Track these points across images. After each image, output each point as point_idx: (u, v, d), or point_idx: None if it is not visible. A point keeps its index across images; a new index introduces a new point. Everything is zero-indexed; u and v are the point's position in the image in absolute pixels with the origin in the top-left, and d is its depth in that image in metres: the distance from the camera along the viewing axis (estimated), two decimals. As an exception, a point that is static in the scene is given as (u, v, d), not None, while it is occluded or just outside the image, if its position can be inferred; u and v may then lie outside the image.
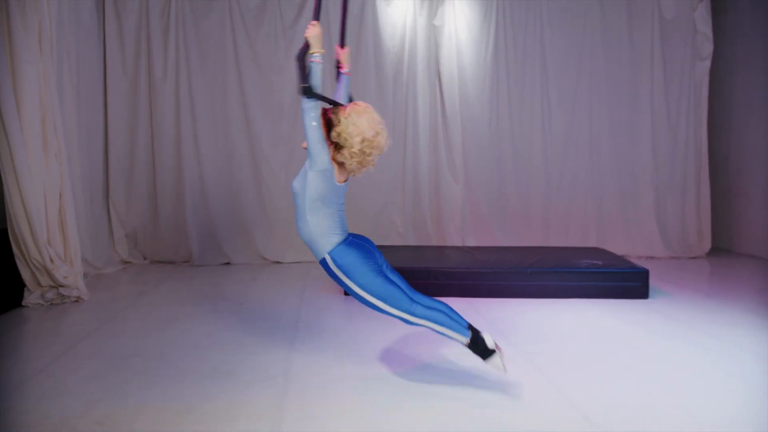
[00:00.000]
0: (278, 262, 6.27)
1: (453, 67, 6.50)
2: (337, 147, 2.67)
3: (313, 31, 2.66)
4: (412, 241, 6.58)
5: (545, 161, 6.70)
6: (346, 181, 2.80)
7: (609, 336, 3.82)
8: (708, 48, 6.59)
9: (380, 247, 5.42)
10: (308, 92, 2.55)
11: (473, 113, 6.59)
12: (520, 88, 6.64)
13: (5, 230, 4.44)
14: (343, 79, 3.03)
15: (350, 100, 2.92)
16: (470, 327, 2.81)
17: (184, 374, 3.10)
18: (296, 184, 2.70)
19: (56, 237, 4.58)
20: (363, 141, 2.61)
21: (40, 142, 4.45)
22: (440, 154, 6.58)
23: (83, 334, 3.77)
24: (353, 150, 2.61)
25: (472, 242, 6.59)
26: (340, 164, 2.73)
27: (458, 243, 6.57)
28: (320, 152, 2.58)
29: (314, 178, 2.61)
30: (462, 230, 6.64)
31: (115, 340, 3.68)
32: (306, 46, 2.64)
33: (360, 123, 2.61)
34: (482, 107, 6.58)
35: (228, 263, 6.23)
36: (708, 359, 3.38)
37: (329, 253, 2.70)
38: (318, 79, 2.62)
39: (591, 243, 6.58)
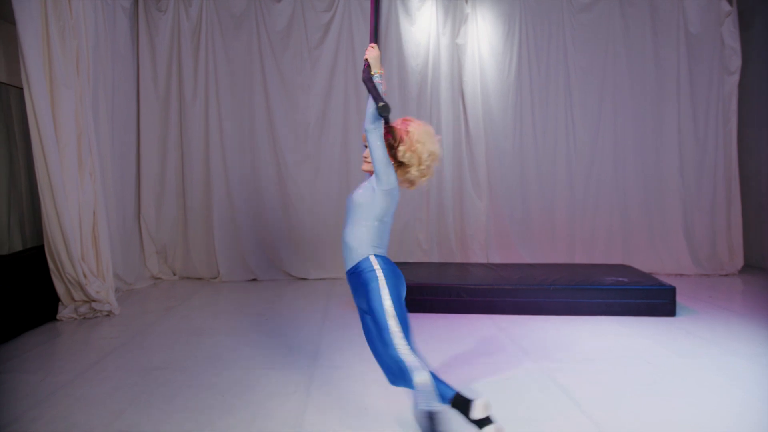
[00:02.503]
0: (303, 279, 6.35)
1: (476, 85, 6.55)
2: (400, 165, 2.64)
3: (372, 53, 2.65)
4: (436, 258, 6.59)
5: (570, 178, 6.66)
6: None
7: (633, 354, 3.76)
8: (736, 62, 6.51)
9: (404, 263, 5.51)
10: (386, 110, 2.47)
11: (497, 131, 6.60)
12: (544, 104, 6.64)
13: (42, 247, 4.61)
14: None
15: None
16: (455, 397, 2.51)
17: (208, 387, 3.17)
18: (359, 198, 2.62)
19: (89, 253, 4.74)
20: (430, 155, 2.61)
21: (76, 162, 4.64)
22: (464, 171, 6.60)
23: (112, 347, 3.89)
24: (422, 167, 2.61)
25: (496, 259, 6.56)
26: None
27: (482, 260, 6.55)
28: (389, 171, 2.55)
29: (382, 196, 2.57)
30: (486, 247, 6.63)
31: (142, 353, 3.78)
32: (368, 67, 2.64)
33: (422, 139, 2.60)
34: (506, 125, 6.60)
35: (254, 279, 6.33)
36: (732, 379, 3.30)
37: (374, 254, 2.59)
38: (384, 100, 2.57)
39: (617, 260, 6.49)
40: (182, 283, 6.21)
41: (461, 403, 2.45)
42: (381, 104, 2.46)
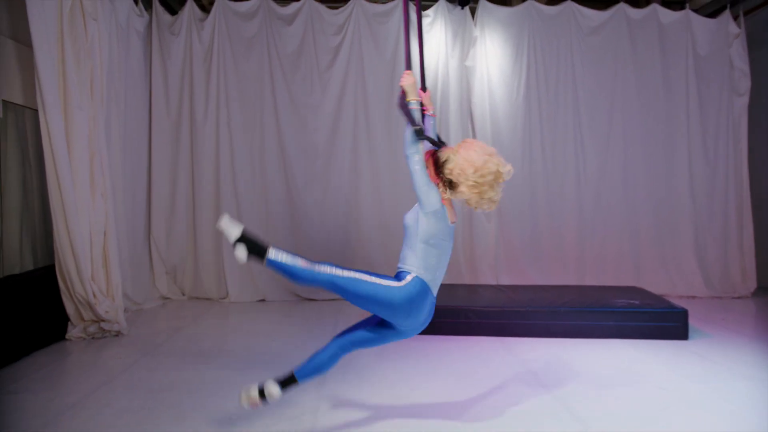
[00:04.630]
0: (312, 299, 6.34)
1: (485, 106, 6.58)
2: (451, 185, 2.64)
3: (407, 80, 2.68)
4: (445, 280, 6.51)
5: (579, 199, 6.65)
6: (454, 222, 2.75)
7: (645, 379, 3.70)
8: (745, 84, 6.51)
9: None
10: (420, 134, 2.54)
11: (505, 152, 6.57)
12: (553, 126, 6.65)
13: (52, 266, 4.64)
14: (429, 121, 2.93)
15: (439, 141, 2.87)
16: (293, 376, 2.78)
17: (216, 410, 3.16)
18: (407, 220, 2.67)
19: (100, 273, 4.76)
20: (476, 171, 2.55)
21: (88, 183, 4.68)
22: (473, 192, 6.58)
23: (121, 368, 3.88)
24: (469, 183, 2.57)
25: (505, 281, 6.52)
26: (450, 203, 2.73)
27: (492, 281, 6.52)
28: (429, 193, 2.55)
29: (426, 219, 2.58)
30: (495, 269, 6.60)
31: (151, 374, 3.78)
32: (403, 95, 2.68)
33: (469, 155, 2.57)
34: (514, 146, 6.61)
35: (263, 300, 6.32)
36: (745, 405, 3.24)
37: (418, 276, 2.59)
38: (419, 123, 2.63)
39: (628, 282, 6.43)
40: (191, 303, 6.21)
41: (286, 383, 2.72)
42: (417, 127, 2.53)
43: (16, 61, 4.60)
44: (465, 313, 4.78)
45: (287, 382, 2.73)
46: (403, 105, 2.64)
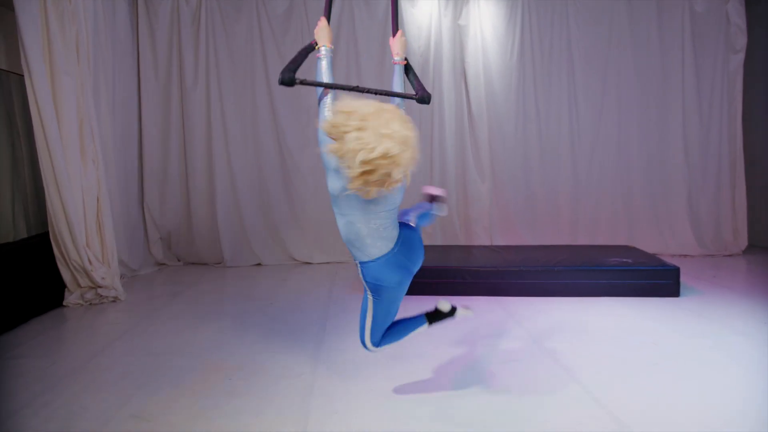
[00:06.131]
0: (307, 263, 6.37)
1: (479, 66, 6.50)
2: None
3: (319, 26, 2.60)
4: (439, 241, 6.59)
5: (573, 159, 6.64)
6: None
7: (636, 334, 3.77)
8: (742, 40, 6.44)
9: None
10: (285, 80, 2.40)
11: (499, 113, 6.57)
12: (547, 86, 6.59)
13: (47, 233, 4.63)
14: (395, 69, 2.70)
15: (418, 91, 2.60)
16: (426, 315, 2.86)
17: (214, 371, 3.20)
18: None
19: (94, 239, 4.76)
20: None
21: (78, 149, 4.63)
22: (467, 154, 6.58)
23: (119, 333, 3.92)
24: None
25: (499, 242, 6.57)
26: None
27: (486, 242, 6.56)
28: (323, 146, 2.23)
29: (329, 176, 2.34)
30: (490, 230, 6.63)
31: (149, 339, 3.81)
32: (314, 43, 2.58)
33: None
34: (508, 107, 6.56)
35: (259, 264, 6.35)
36: (735, 358, 3.31)
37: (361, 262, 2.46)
38: (322, 72, 2.52)
39: (621, 242, 6.49)
40: (187, 268, 6.23)
41: (430, 315, 2.82)
42: (283, 74, 2.41)
43: (-1, 25, 4.50)
44: (460, 273, 4.83)
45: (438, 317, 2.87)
46: (302, 50, 2.53)
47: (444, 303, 2.86)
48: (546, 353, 3.41)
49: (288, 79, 2.38)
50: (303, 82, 2.43)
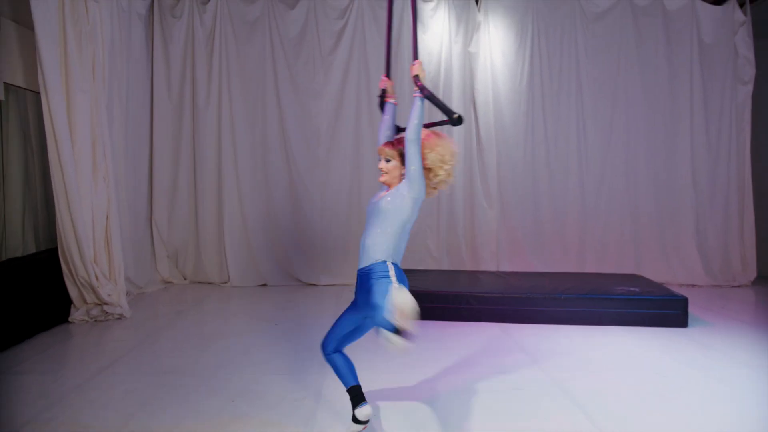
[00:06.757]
0: (313, 285, 6.36)
1: (488, 93, 6.55)
2: (427, 170, 2.66)
3: (417, 68, 2.68)
4: (446, 266, 6.58)
5: (581, 187, 6.64)
6: None
7: (643, 365, 3.73)
8: (750, 72, 6.47)
9: (414, 270, 5.51)
10: (461, 120, 2.61)
11: (508, 139, 6.60)
12: (556, 113, 6.63)
13: (55, 249, 4.66)
14: (392, 109, 2.92)
15: (398, 130, 2.89)
16: (358, 387, 2.70)
17: (218, 392, 3.18)
18: (387, 204, 2.59)
19: (102, 256, 4.78)
20: (452, 155, 2.69)
21: (90, 166, 4.68)
22: (475, 179, 6.60)
23: (124, 350, 3.91)
24: (447, 167, 2.66)
25: (506, 268, 6.54)
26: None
27: (493, 268, 6.54)
28: (422, 180, 2.57)
29: (411, 204, 2.57)
30: (497, 255, 6.61)
31: (153, 357, 3.80)
32: (422, 86, 2.64)
33: (439, 141, 2.67)
34: (517, 133, 6.59)
35: (264, 284, 6.35)
36: (743, 391, 3.26)
37: (391, 262, 2.58)
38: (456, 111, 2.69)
39: (629, 270, 6.45)
40: (193, 287, 6.24)
41: (355, 395, 2.65)
42: (456, 115, 2.57)
43: (17, 44, 4.58)
44: (466, 299, 4.81)
45: (353, 398, 2.67)
46: (432, 94, 2.62)
47: (363, 411, 2.63)
48: (552, 382, 3.37)
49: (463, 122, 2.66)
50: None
